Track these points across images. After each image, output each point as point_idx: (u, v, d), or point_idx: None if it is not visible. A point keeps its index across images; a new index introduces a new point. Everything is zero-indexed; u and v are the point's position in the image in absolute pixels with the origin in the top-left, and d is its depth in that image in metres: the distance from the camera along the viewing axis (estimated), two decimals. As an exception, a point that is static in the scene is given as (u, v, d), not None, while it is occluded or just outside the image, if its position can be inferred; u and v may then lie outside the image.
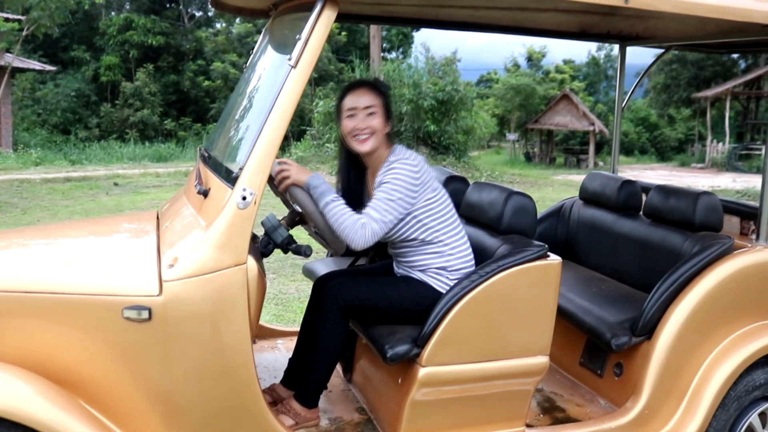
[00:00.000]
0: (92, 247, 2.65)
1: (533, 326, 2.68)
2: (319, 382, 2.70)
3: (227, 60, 24.97)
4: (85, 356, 2.23)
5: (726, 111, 32.03)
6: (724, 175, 25.79)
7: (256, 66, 3.01)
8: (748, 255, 3.03)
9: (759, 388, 3.04)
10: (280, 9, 2.95)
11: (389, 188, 2.59)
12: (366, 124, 2.67)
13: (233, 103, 3.08)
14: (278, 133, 2.26)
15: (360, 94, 2.70)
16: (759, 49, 4.32)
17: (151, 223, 2.81)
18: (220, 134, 2.99)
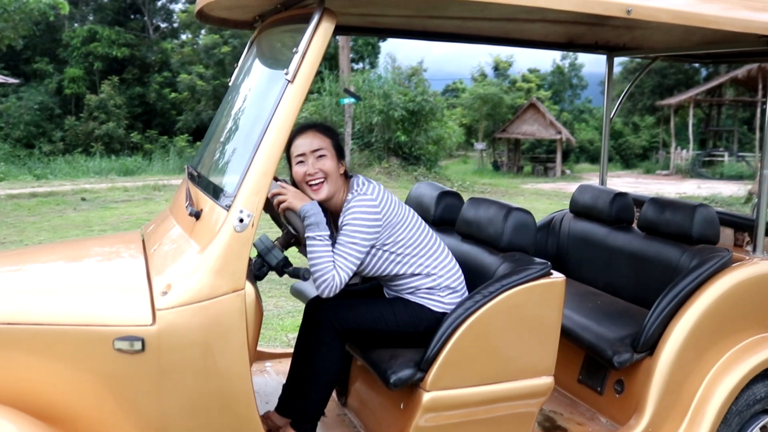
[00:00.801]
0: (76, 274, 2.50)
1: (538, 346, 2.60)
2: (316, 409, 2.59)
3: (194, 71, 24.68)
4: (72, 391, 2.10)
5: (689, 118, 32.57)
6: (689, 181, 26.17)
7: (244, 80, 2.90)
8: (746, 268, 2.99)
9: (760, 401, 3.01)
10: (267, 21, 2.85)
11: (349, 230, 2.49)
12: (317, 167, 2.55)
13: (221, 119, 2.97)
14: (275, 151, 2.16)
15: (307, 138, 2.58)
16: (744, 59, 4.33)
17: (137, 245, 2.68)
18: (209, 152, 2.86)
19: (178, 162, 22.95)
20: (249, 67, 2.93)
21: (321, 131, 2.62)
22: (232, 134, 2.71)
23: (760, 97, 30.03)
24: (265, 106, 2.35)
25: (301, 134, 2.60)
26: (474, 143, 33.18)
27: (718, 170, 28.79)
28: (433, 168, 21.78)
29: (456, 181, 21.40)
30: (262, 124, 2.23)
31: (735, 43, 3.47)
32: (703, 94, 32.53)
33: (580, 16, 3.01)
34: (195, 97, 25.18)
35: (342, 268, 2.46)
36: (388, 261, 2.63)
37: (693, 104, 32.27)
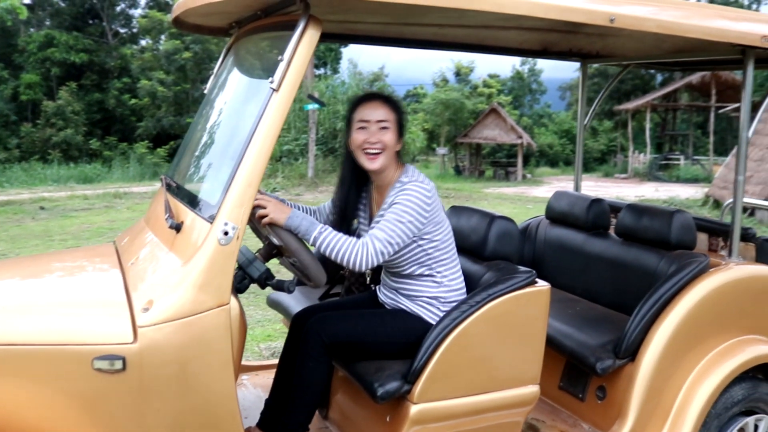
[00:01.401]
0: (50, 290, 2.41)
1: (524, 355, 2.59)
2: (302, 424, 2.54)
3: (155, 77, 24.32)
4: (49, 413, 2.01)
5: (646, 123, 33.20)
6: (647, 184, 26.64)
7: (222, 88, 2.84)
8: (723, 273, 3.02)
9: (737, 404, 3.04)
10: (245, 28, 2.79)
11: (400, 209, 2.46)
12: (377, 138, 2.56)
13: (199, 128, 2.90)
14: (261, 161, 2.11)
15: (374, 107, 2.59)
16: (714, 67, 4.40)
17: (111, 258, 2.60)
18: (188, 162, 2.79)
19: (139, 169, 22.60)
20: (227, 75, 2.87)
21: (389, 104, 2.61)
22: (213, 144, 2.64)
23: (713, 102, 30.77)
24: (247, 114, 2.29)
25: (369, 101, 2.61)
26: (436, 148, 33.32)
27: (674, 173, 29.37)
28: (397, 173, 21.79)
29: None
30: (245, 134, 2.17)
31: (706, 51, 3.52)
32: (659, 99, 33.21)
33: (555, 24, 3.01)
34: (156, 103, 24.80)
35: (381, 240, 2.41)
36: (415, 257, 2.60)
37: (649, 109, 32.92)
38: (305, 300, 3.31)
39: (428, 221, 2.53)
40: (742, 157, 3.09)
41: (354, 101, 2.67)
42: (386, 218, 2.46)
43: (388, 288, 2.75)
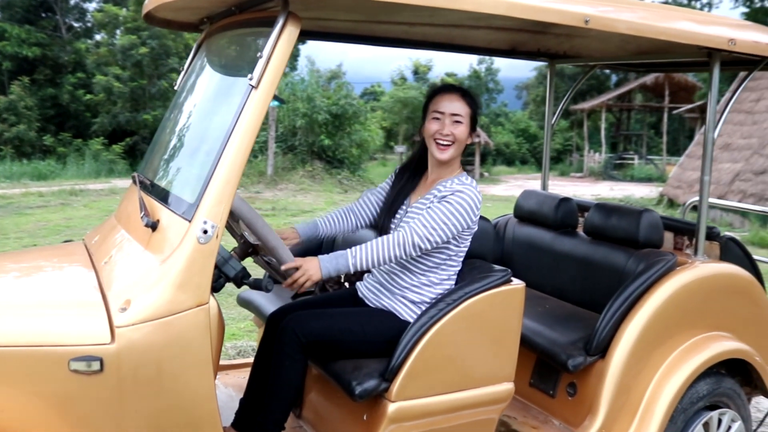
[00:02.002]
0: (21, 290, 2.34)
1: (499, 353, 2.62)
2: (278, 423, 2.52)
3: (110, 73, 23.82)
4: (24, 416, 1.96)
5: (601, 123, 33.78)
6: (602, 183, 27.11)
7: (195, 85, 2.80)
8: (690, 271, 3.09)
9: (702, 398, 3.11)
10: (219, 23, 2.76)
11: (449, 209, 2.51)
12: (449, 130, 2.63)
13: (171, 125, 2.85)
14: (240, 159, 2.09)
15: (450, 100, 2.65)
16: (677, 68, 4.49)
17: (82, 257, 2.55)
18: (162, 160, 2.74)
19: (94, 166, 22.12)
20: (199, 71, 2.83)
21: (465, 98, 2.66)
22: (188, 141, 2.60)
23: (666, 102, 31.46)
24: (224, 112, 2.27)
25: (447, 93, 2.67)
26: (394, 146, 33.41)
27: (628, 173, 29.93)
28: (356, 171, 21.79)
29: (379, 183, 21.43)
30: (222, 131, 2.15)
31: (671, 53, 3.60)
32: (614, 99, 33.81)
33: (524, 24, 3.04)
34: (111, 99, 24.29)
35: (421, 236, 2.46)
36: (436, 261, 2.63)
37: (605, 109, 33.50)
38: (277, 299, 3.29)
39: (469, 229, 2.59)
40: (708, 157, 3.16)
41: (432, 91, 2.75)
42: (432, 215, 2.50)
43: (374, 281, 2.75)
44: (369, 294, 2.73)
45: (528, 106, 47.80)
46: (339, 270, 2.44)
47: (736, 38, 2.91)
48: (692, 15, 3.10)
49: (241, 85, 2.18)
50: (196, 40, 3.04)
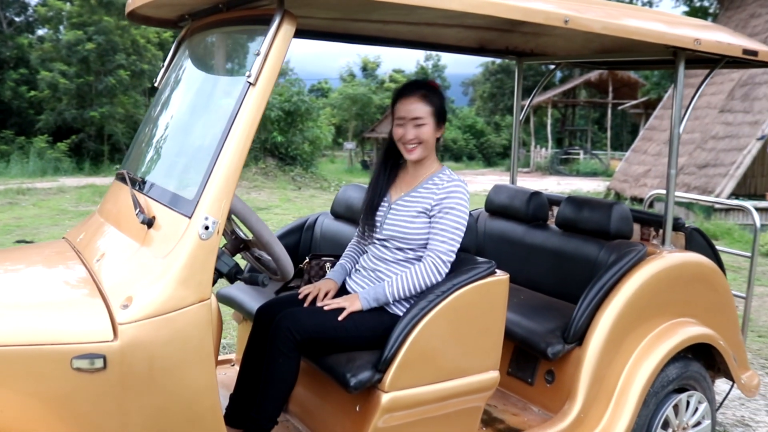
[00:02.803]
0: (16, 289, 2.31)
1: (486, 342, 2.69)
2: (271, 418, 2.55)
3: (56, 69, 23.19)
4: (26, 416, 1.94)
5: (547, 118, 34.40)
6: (549, 178, 27.62)
7: (180, 82, 2.80)
8: (659, 260, 3.23)
9: (672, 382, 3.25)
10: (204, 21, 2.75)
11: (456, 216, 2.64)
12: (413, 134, 2.69)
13: (156, 122, 2.84)
14: (240, 155, 2.11)
15: (409, 103, 2.70)
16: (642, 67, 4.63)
17: (70, 255, 2.53)
18: (148, 156, 2.74)
19: (39, 164, 21.53)
20: (184, 68, 2.83)
21: (423, 99, 2.70)
22: (179, 138, 2.60)
23: (610, 98, 32.22)
24: (219, 108, 2.29)
25: (406, 97, 2.73)
26: (343, 143, 33.42)
27: (574, 167, 30.57)
28: (309, 168, 21.76)
29: (333, 180, 21.46)
30: (219, 128, 2.16)
31: (634, 51, 3.74)
32: (559, 95, 34.46)
33: (493, 22, 3.13)
34: (56, 95, 23.65)
35: (445, 253, 2.62)
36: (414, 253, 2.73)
37: (550, 105, 34.12)
38: (258, 295, 3.31)
39: None
40: (674, 151, 3.30)
41: (395, 94, 2.80)
42: (444, 227, 2.63)
43: (362, 276, 2.80)
44: (358, 289, 2.78)
45: (474, 103, 48.31)
46: (379, 302, 2.65)
47: (701, 38, 3.05)
48: (658, 15, 3.23)
49: (236, 82, 2.20)
50: (177, 37, 3.03)
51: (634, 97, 31.64)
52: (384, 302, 2.64)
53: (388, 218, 2.77)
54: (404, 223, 2.69)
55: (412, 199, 2.73)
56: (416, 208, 2.70)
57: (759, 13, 17.21)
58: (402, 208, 2.74)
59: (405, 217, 2.70)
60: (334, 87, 42.44)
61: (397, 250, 2.73)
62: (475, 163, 37.46)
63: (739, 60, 3.31)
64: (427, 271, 2.60)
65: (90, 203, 13.30)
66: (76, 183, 17.12)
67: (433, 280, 2.61)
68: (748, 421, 4.25)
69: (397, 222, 2.71)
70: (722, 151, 14.92)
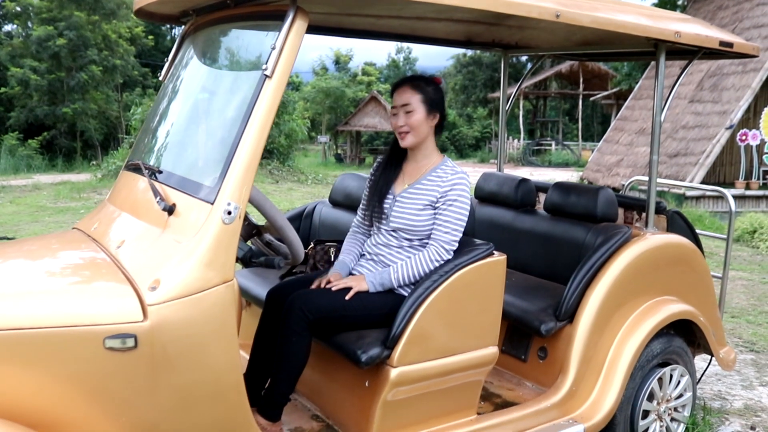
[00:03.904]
0: (45, 275, 2.42)
1: (485, 319, 2.85)
2: (284, 395, 2.68)
3: (26, 65, 22.94)
4: (61, 395, 2.05)
5: (518, 110, 34.68)
6: (522, 169, 27.87)
7: (188, 75, 2.90)
8: (643, 242, 3.41)
9: (656, 356, 3.43)
10: (211, 16, 2.85)
11: (458, 207, 2.78)
12: (404, 121, 2.83)
13: (165, 115, 2.94)
14: (258, 144, 2.23)
15: (400, 92, 2.85)
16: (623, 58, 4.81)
17: (90, 244, 2.63)
18: (159, 147, 2.84)
19: (11, 161, 21.29)
20: (192, 62, 2.93)
21: (413, 87, 2.84)
22: (193, 129, 2.71)
23: (581, 90, 32.61)
24: (234, 100, 2.41)
25: (398, 87, 2.89)
26: (318, 136, 33.43)
27: (546, 158, 30.91)
28: (286, 161, 21.79)
29: (309, 173, 21.53)
30: (237, 118, 2.28)
31: (615, 43, 3.91)
32: (530, 87, 34.72)
33: (480, 16, 3.27)
34: (27, 92, 23.41)
35: (448, 242, 2.76)
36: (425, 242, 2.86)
37: (522, 96, 34.37)
38: (263, 280, 3.43)
39: None
40: (656, 139, 3.48)
41: (392, 88, 2.96)
42: (447, 218, 2.77)
43: (368, 260, 2.94)
44: (365, 272, 2.91)
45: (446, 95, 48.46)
46: (384, 285, 2.78)
47: (681, 31, 3.22)
48: (640, 9, 3.40)
49: (252, 75, 2.31)
50: (181, 31, 3.12)
51: (605, 88, 32.04)
52: (389, 287, 2.78)
53: (394, 210, 2.89)
54: (411, 216, 2.82)
55: (417, 192, 2.86)
56: (422, 201, 2.83)
57: (726, 5, 17.60)
58: (407, 200, 2.87)
59: (411, 210, 2.83)
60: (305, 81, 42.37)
61: (404, 240, 2.87)
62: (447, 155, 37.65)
63: (715, 51, 3.49)
64: (431, 259, 2.75)
65: (68, 199, 13.24)
66: (51, 180, 16.98)
67: (435, 265, 2.75)
68: (725, 395, 4.47)
69: (403, 214, 2.84)
70: (692, 140, 15.28)
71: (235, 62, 2.72)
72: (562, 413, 3.14)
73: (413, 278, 2.76)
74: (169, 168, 2.60)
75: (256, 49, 2.44)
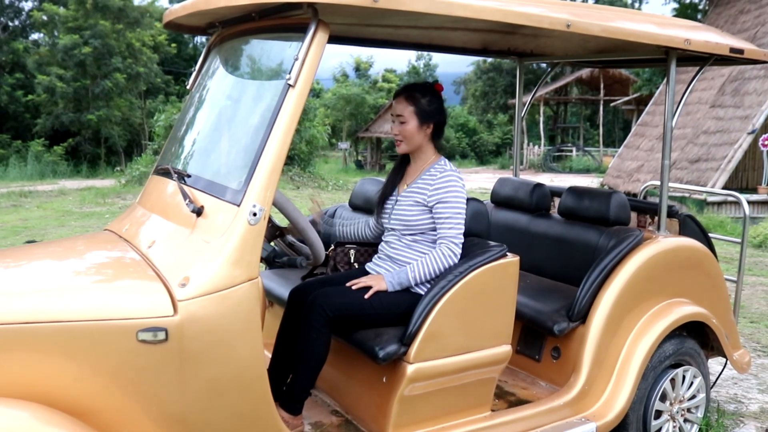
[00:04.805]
0: (80, 272, 2.56)
1: (498, 318, 2.95)
2: (305, 389, 2.80)
3: (53, 73, 23.39)
4: (96, 385, 2.18)
5: (539, 116, 34.65)
6: (542, 175, 27.82)
7: (214, 84, 3.04)
8: (655, 245, 3.49)
9: (669, 357, 3.51)
10: (234, 28, 2.98)
11: (454, 203, 2.91)
12: (398, 130, 3.02)
13: (193, 122, 3.08)
14: (282, 149, 2.35)
15: (396, 103, 3.03)
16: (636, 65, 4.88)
17: (122, 244, 2.77)
18: (187, 153, 2.98)
19: (38, 167, 21.74)
20: (218, 71, 3.07)
21: (407, 98, 3.00)
22: (219, 135, 2.84)
23: (601, 95, 32.53)
24: (259, 108, 2.54)
25: (396, 98, 3.07)
26: (338, 143, 33.64)
27: (567, 164, 30.80)
28: (307, 168, 22.00)
29: (330, 180, 21.71)
30: (261, 125, 2.41)
31: (627, 51, 3.99)
32: (551, 92, 34.69)
33: (496, 25, 3.38)
34: (53, 99, 23.87)
35: (455, 237, 2.90)
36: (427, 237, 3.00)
37: (542, 102, 34.35)
38: (284, 281, 3.56)
39: None
40: (668, 144, 3.56)
41: None
42: (446, 215, 2.90)
43: (384, 261, 3.05)
44: (382, 271, 3.03)
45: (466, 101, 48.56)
46: (402, 284, 2.90)
47: (690, 38, 3.31)
48: (651, 18, 3.49)
49: (275, 84, 2.44)
50: (208, 42, 3.27)
51: (626, 94, 31.94)
52: (407, 285, 2.90)
53: (394, 210, 3.06)
54: (405, 213, 2.99)
55: (412, 191, 3.02)
56: (414, 198, 2.99)
57: (748, 9, 17.54)
58: (404, 200, 3.03)
59: (406, 208, 3.00)
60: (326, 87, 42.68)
61: (405, 237, 3.02)
62: (468, 162, 37.73)
63: (726, 58, 3.57)
64: (443, 255, 2.87)
65: (93, 204, 13.52)
66: (76, 185, 17.32)
67: (450, 262, 2.87)
68: (741, 398, 4.51)
69: (400, 212, 3.01)
70: (714, 145, 15.23)
71: (260, 72, 2.85)
72: (575, 411, 3.23)
73: (429, 275, 2.88)
74: (196, 172, 2.74)
75: (280, 60, 2.56)
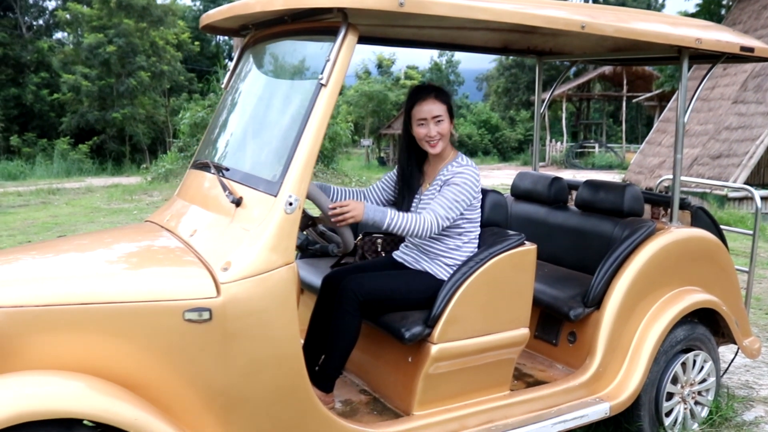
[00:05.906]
0: (127, 257, 2.78)
1: (517, 302, 3.13)
2: (337, 369, 3.00)
3: (78, 71, 23.82)
4: (146, 360, 2.38)
5: (562, 112, 34.61)
6: (565, 171, 27.84)
7: (247, 84, 3.25)
8: (667, 235, 3.64)
9: (680, 342, 3.67)
10: (267, 31, 3.18)
11: (457, 190, 3.00)
12: (436, 131, 3.08)
13: (229, 120, 3.29)
14: (315, 144, 2.55)
15: (428, 104, 3.08)
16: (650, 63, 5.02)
17: (164, 233, 2.98)
18: (224, 148, 3.19)
19: (64, 165, 22.18)
20: (250, 72, 3.27)
21: (439, 98, 3.10)
22: (255, 131, 3.05)
23: (624, 91, 32.44)
24: (293, 106, 2.73)
25: (423, 100, 3.10)
26: (361, 140, 33.83)
27: (589, 161, 30.77)
28: (330, 164, 22.25)
29: (353, 176, 21.94)
30: (296, 122, 2.61)
31: (643, 49, 4.14)
32: (573, 89, 34.63)
33: (516, 26, 3.55)
34: (78, 98, 24.32)
35: (441, 216, 2.95)
36: (459, 231, 3.12)
37: (565, 99, 34.32)
38: (315, 270, 3.76)
39: (476, 200, 3.09)
40: (680, 139, 3.71)
41: (409, 95, 3.16)
42: (445, 195, 3.00)
43: (410, 249, 3.24)
44: (408, 259, 3.22)
45: (489, 98, 48.60)
46: (376, 222, 2.86)
47: (702, 37, 3.46)
48: (663, 17, 3.65)
49: (308, 83, 2.64)
50: (241, 44, 3.47)
51: (649, 90, 31.84)
52: (380, 227, 2.89)
53: (419, 208, 3.18)
54: None
55: (433, 189, 3.15)
56: (434, 192, 3.11)
57: (770, 4, 17.50)
58: (426, 198, 3.17)
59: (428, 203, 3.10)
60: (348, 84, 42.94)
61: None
62: (490, 158, 37.77)
63: (738, 56, 3.71)
64: (424, 222, 2.91)
65: (121, 201, 13.84)
66: (102, 183, 17.69)
67: (425, 233, 2.93)
68: (752, 384, 4.65)
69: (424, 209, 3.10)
70: (735, 141, 15.24)
71: (293, 72, 3.05)
72: (590, 392, 3.40)
73: (404, 231, 2.89)
74: (233, 166, 2.95)
75: (312, 60, 2.76)
